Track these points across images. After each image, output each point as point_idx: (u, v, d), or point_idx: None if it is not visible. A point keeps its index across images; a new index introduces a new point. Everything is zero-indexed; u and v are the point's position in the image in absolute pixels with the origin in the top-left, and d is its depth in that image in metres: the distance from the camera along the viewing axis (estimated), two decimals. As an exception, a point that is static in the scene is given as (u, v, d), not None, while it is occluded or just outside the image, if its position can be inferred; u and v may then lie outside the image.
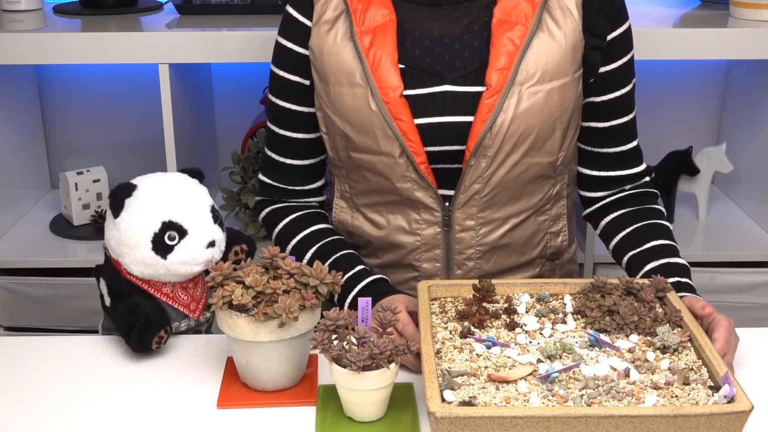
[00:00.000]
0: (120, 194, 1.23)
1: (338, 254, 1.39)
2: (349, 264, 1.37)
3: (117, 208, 1.23)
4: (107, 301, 1.29)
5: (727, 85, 2.37)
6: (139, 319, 1.23)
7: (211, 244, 1.23)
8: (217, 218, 1.26)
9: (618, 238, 1.43)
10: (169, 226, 1.22)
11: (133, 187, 1.24)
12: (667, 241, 1.39)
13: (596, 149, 1.43)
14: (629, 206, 1.44)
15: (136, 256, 1.23)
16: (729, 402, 0.97)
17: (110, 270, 1.27)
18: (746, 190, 2.29)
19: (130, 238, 1.22)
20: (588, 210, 1.49)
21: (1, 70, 2.09)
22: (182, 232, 1.22)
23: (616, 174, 1.44)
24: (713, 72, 2.37)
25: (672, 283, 1.29)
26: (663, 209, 1.46)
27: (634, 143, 1.45)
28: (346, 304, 1.35)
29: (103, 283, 1.31)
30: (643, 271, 1.36)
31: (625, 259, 1.41)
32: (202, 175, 1.31)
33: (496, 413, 0.95)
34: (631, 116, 1.43)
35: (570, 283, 1.25)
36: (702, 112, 2.41)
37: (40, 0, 2.12)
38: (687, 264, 1.37)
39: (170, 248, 1.22)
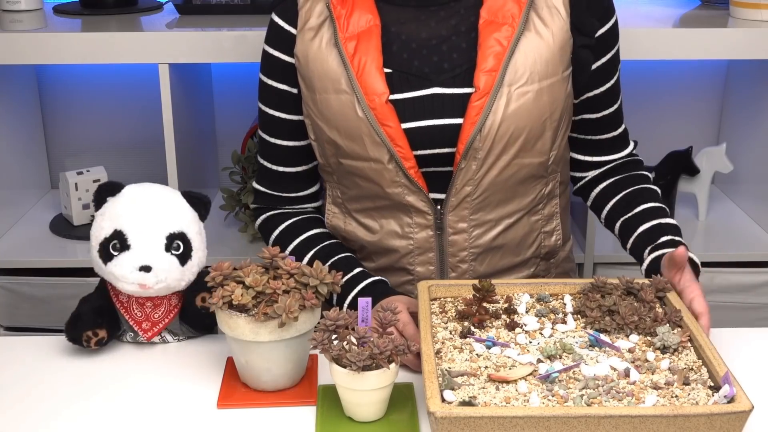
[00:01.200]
0: (103, 190, 1.26)
1: (336, 258, 1.39)
2: (347, 267, 1.37)
3: (97, 202, 1.26)
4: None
5: (727, 85, 2.37)
6: (78, 314, 1.26)
7: (145, 269, 1.21)
8: (175, 249, 1.23)
9: (609, 205, 1.45)
10: (117, 235, 1.22)
11: (119, 188, 1.26)
12: (656, 204, 1.41)
13: (588, 137, 1.46)
14: (617, 174, 1.47)
15: (91, 254, 1.26)
16: (729, 402, 0.97)
17: None
18: (746, 190, 2.29)
19: (92, 234, 1.25)
20: (577, 185, 1.51)
21: (1, 70, 2.09)
22: (125, 246, 1.22)
23: (607, 158, 1.47)
24: (713, 72, 2.37)
25: (664, 242, 1.32)
26: (649, 174, 1.48)
27: (623, 127, 1.48)
28: (345, 305, 1.35)
29: None
30: (635, 234, 1.38)
31: (617, 225, 1.43)
32: (204, 203, 1.29)
33: (496, 413, 0.95)
34: (619, 102, 1.46)
35: (570, 283, 1.25)
36: (702, 112, 2.41)
37: (40, 0, 2.12)
38: (677, 224, 1.39)
39: (110, 257, 1.22)
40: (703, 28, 1.91)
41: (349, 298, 1.35)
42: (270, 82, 1.41)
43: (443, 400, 0.98)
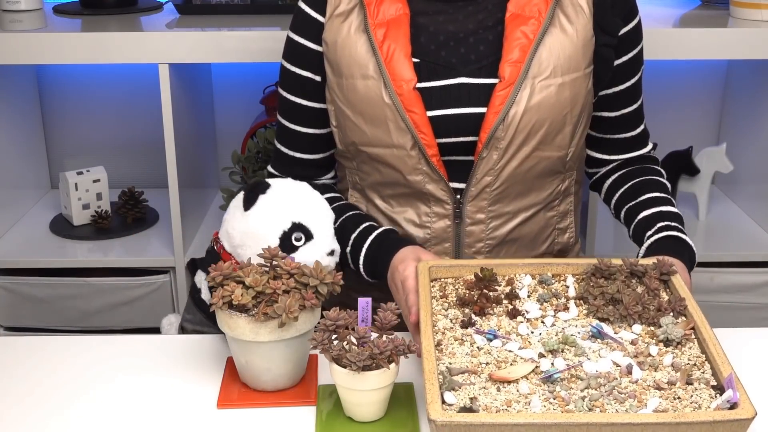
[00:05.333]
0: (255, 189, 1.26)
1: (344, 216, 1.40)
2: (355, 223, 1.38)
3: (250, 201, 1.25)
4: (204, 294, 1.31)
5: (727, 85, 2.37)
6: None
7: (331, 253, 1.26)
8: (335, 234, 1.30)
9: (617, 194, 1.47)
10: (298, 227, 1.24)
11: (267, 186, 1.27)
12: (661, 194, 1.43)
13: (606, 135, 1.47)
14: (629, 166, 1.49)
15: (260, 249, 1.22)
16: (732, 407, 0.96)
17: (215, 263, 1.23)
18: (746, 190, 2.29)
19: (259, 231, 1.24)
20: (592, 179, 1.54)
21: (1, 70, 2.09)
22: (308, 236, 1.25)
23: (624, 157, 1.49)
24: (713, 72, 2.37)
25: (660, 227, 1.34)
26: (661, 169, 1.49)
27: (641, 127, 1.49)
28: (360, 262, 1.36)
29: (202, 276, 1.32)
30: (635, 221, 1.40)
31: (623, 212, 1.45)
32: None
33: (497, 420, 0.94)
34: (639, 102, 1.47)
35: (573, 264, 1.24)
36: (702, 112, 2.41)
37: (40, 0, 2.12)
38: (678, 212, 1.40)
39: (295, 248, 1.24)
40: (703, 28, 1.91)
41: (362, 256, 1.35)
42: (293, 68, 1.42)
43: (443, 401, 0.98)
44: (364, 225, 1.38)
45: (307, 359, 1.20)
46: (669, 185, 1.47)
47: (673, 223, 1.36)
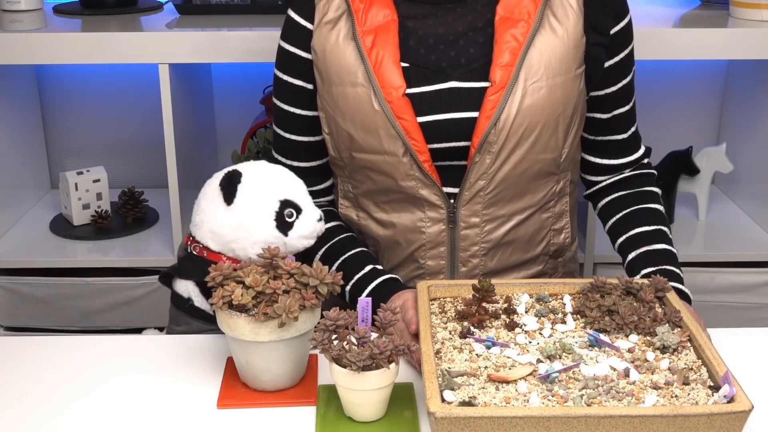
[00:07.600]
0: (233, 181, 1.26)
1: (347, 254, 1.40)
2: (358, 264, 1.38)
3: (231, 194, 1.25)
4: (198, 301, 1.31)
5: (727, 85, 2.37)
6: None
7: (320, 219, 1.29)
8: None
9: (610, 222, 1.47)
10: (286, 203, 1.26)
11: (240, 174, 1.26)
12: (651, 228, 1.42)
13: (598, 137, 1.46)
14: (626, 189, 1.48)
15: (257, 237, 1.24)
16: (729, 402, 0.97)
17: (203, 267, 1.21)
18: (746, 190, 2.29)
19: (250, 220, 1.24)
20: (589, 191, 1.53)
21: (1, 70, 2.09)
22: (298, 210, 1.26)
23: (617, 162, 1.48)
24: (713, 72, 2.37)
25: (646, 274, 1.35)
26: (658, 190, 1.49)
27: (633, 129, 1.48)
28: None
29: (188, 285, 1.31)
30: (626, 261, 1.41)
31: (616, 245, 1.46)
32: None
33: (496, 413, 0.95)
34: (631, 104, 1.47)
35: (569, 283, 1.25)
36: (702, 112, 2.41)
37: (40, 0, 2.12)
38: (670, 249, 1.40)
39: (290, 225, 1.25)
40: (703, 28, 1.91)
41: (362, 296, 1.35)
42: (285, 77, 1.42)
43: (443, 400, 0.98)
44: (368, 268, 1.38)
45: (307, 359, 1.20)
46: (662, 210, 1.45)
47: (660, 267, 1.36)
